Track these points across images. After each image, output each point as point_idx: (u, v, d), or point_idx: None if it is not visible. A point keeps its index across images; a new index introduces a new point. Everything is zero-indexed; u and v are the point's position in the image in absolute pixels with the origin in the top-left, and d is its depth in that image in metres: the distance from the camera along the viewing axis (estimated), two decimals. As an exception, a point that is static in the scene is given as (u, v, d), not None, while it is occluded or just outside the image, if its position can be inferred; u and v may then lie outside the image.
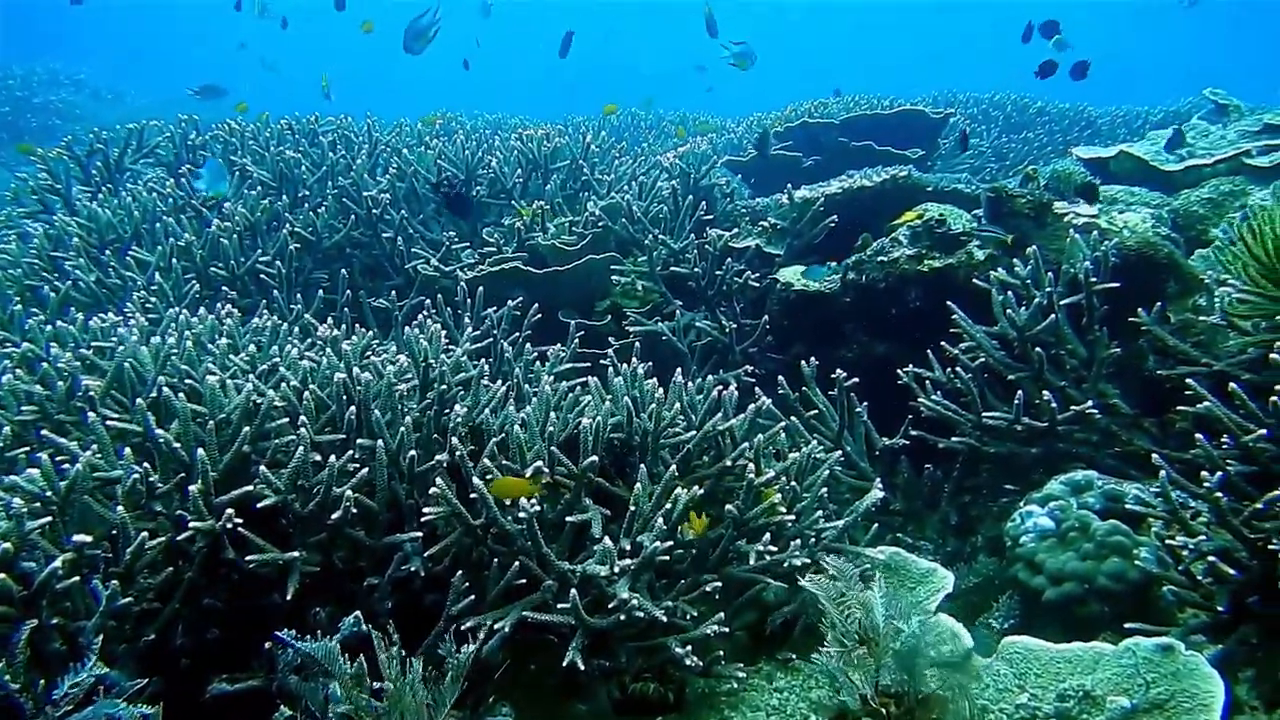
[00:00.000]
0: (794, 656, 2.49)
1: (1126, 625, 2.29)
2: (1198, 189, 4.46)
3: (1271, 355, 2.47)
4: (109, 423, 2.22)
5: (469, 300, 3.72)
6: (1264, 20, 34.93)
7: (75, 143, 4.82)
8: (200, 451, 2.05)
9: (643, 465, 2.41)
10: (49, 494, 1.94)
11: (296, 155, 4.66)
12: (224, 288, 3.77)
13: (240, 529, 2.07)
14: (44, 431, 2.17)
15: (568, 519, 2.32)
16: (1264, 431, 2.33)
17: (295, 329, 3.18)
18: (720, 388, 2.67)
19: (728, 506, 2.36)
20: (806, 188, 4.50)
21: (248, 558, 2.05)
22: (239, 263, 3.86)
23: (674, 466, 2.38)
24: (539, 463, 2.30)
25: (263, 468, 2.09)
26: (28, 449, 2.18)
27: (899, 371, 3.30)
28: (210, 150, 5.11)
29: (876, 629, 2.01)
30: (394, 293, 3.96)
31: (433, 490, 2.16)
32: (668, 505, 2.26)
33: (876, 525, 2.86)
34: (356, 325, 3.68)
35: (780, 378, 3.35)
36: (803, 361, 3.35)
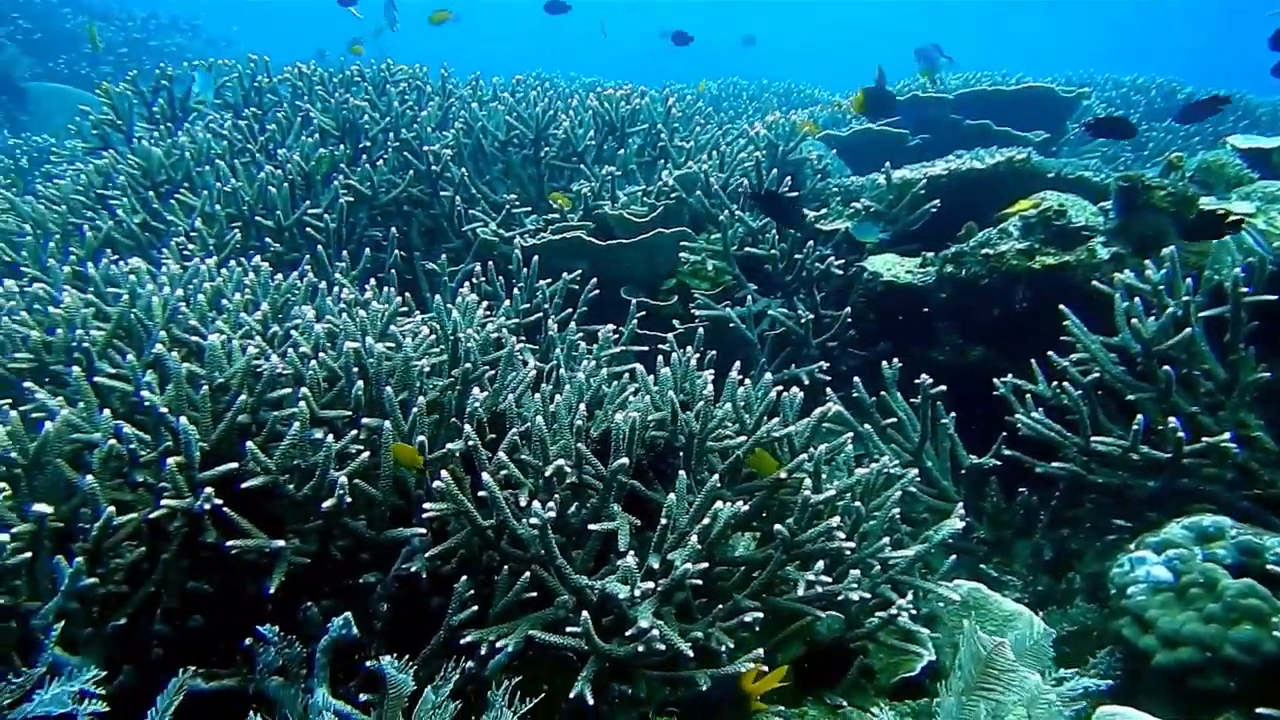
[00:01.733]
0: (844, 703, 2.23)
1: (1259, 711, 1.96)
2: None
3: None
4: (101, 380, 2.10)
5: (523, 269, 3.52)
6: None
7: (141, 78, 4.79)
8: (182, 420, 1.89)
9: (683, 471, 2.18)
10: (14, 455, 1.81)
11: (361, 104, 4.53)
12: (268, 239, 3.65)
13: (224, 510, 1.91)
14: (26, 384, 2.05)
15: (592, 526, 2.10)
16: None
17: (334, 290, 3.03)
18: (780, 388, 2.41)
19: (777, 526, 2.11)
20: (908, 168, 4.16)
21: (229, 543, 1.89)
22: (286, 213, 3.73)
23: (718, 475, 2.14)
24: (561, 461, 2.09)
25: (250, 444, 1.92)
26: (9, 403, 2.06)
27: (995, 381, 2.98)
28: (278, 94, 5.02)
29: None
30: (444, 256, 3.78)
31: (436, 484, 1.97)
32: (706, 520, 2.02)
33: (954, 555, 2.56)
34: (406, 293, 3.52)
35: (857, 379, 3.06)
36: (884, 362, 3.05)
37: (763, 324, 3.81)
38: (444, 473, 1.96)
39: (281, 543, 1.93)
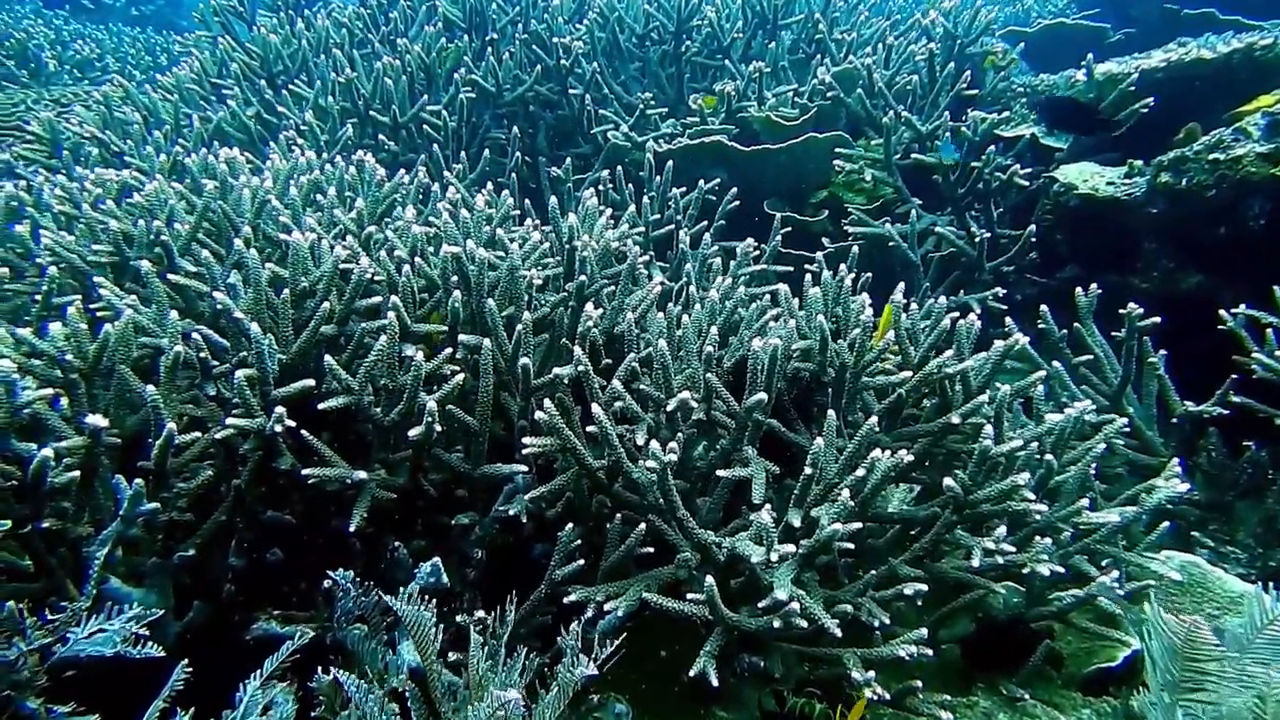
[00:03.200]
0: (1026, 696, 1.89)
1: None
2: None
3: None
4: (176, 278, 1.92)
5: (655, 177, 3.21)
6: None
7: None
8: (254, 326, 1.69)
9: (832, 411, 1.85)
10: (70, 357, 1.65)
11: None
12: (383, 137, 3.46)
13: (302, 433, 1.71)
14: (96, 278, 1.89)
15: (721, 473, 1.81)
16: None
17: (445, 192, 2.81)
18: (954, 315, 2.04)
19: (947, 481, 1.77)
20: (1114, 61, 3.59)
21: (305, 471, 1.70)
22: (404, 109, 3.52)
23: (876, 417, 1.80)
24: (687, 394, 1.79)
25: (329, 358, 1.71)
26: (77, 299, 1.91)
27: (1222, 314, 2.50)
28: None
29: None
30: (569, 161, 3.50)
31: (539, 415, 1.71)
32: (860, 471, 1.70)
33: (1165, 522, 2.15)
34: (526, 200, 3.27)
35: (1043, 308, 2.63)
36: (1078, 289, 2.61)
37: (927, 243, 3.39)
38: (547, 402, 1.70)
39: (364, 474, 1.72)
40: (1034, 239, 3.16)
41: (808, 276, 2.27)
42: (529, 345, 1.88)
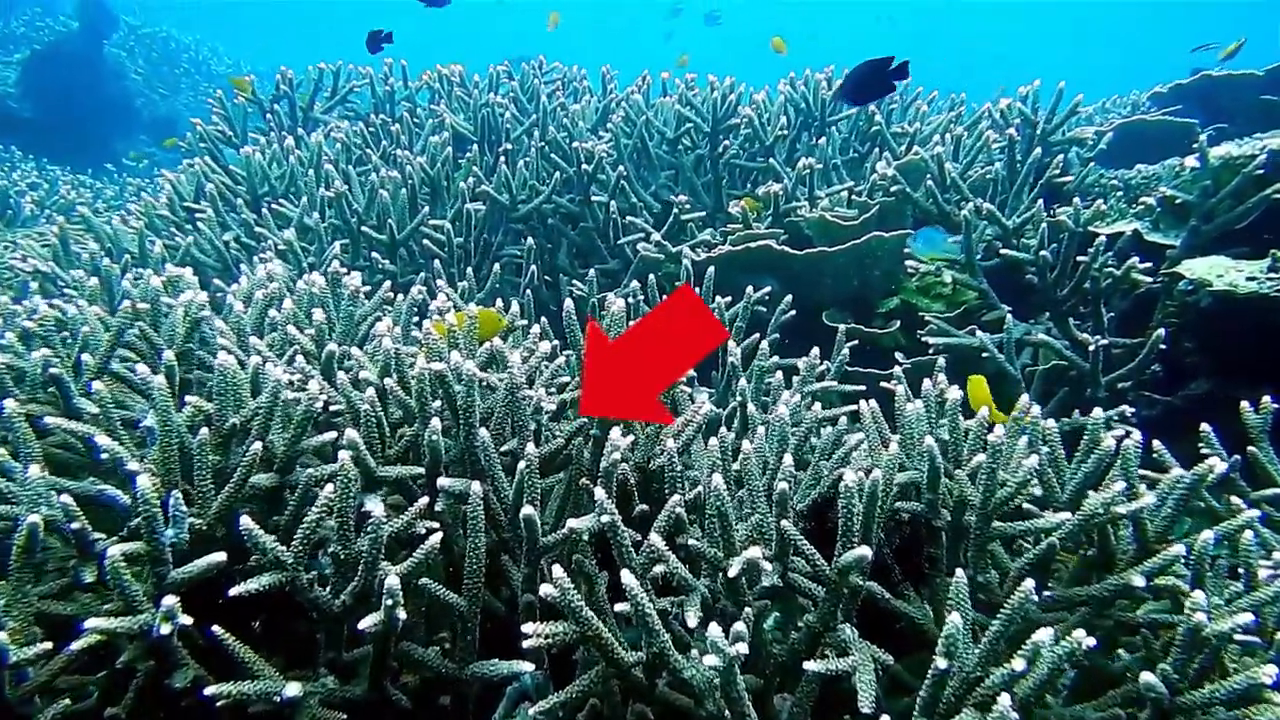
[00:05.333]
0: None
1: None
2: None
3: None
4: (59, 420, 1.50)
5: (695, 287, 2.81)
6: None
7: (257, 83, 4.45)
8: (142, 481, 1.24)
9: (961, 571, 1.35)
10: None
11: (502, 101, 3.99)
12: (377, 255, 3.10)
13: (214, 629, 1.24)
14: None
15: (808, 665, 1.31)
16: None
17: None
18: (1118, 433, 1.56)
19: (1146, 678, 1.25)
20: (1232, 143, 3.19)
21: (208, 691, 1.21)
22: (402, 223, 3.18)
23: (1026, 581, 1.30)
24: (756, 550, 1.31)
25: (245, 520, 1.25)
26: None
27: None
28: (416, 101, 4.58)
29: None
30: (592, 272, 3.12)
31: (545, 589, 1.23)
32: (1018, 663, 1.19)
33: None
34: (542, 319, 2.87)
35: (1206, 428, 2.12)
36: (1244, 404, 2.11)
37: (1023, 356, 2.93)
38: (558, 571, 1.22)
39: (298, 688, 1.24)
40: (1165, 346, 2.68)
41: (899, 390, 1.81)
42: (535, 489, 1.42)
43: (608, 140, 3.87)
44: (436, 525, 1.41)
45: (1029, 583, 1.23)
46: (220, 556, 1.25)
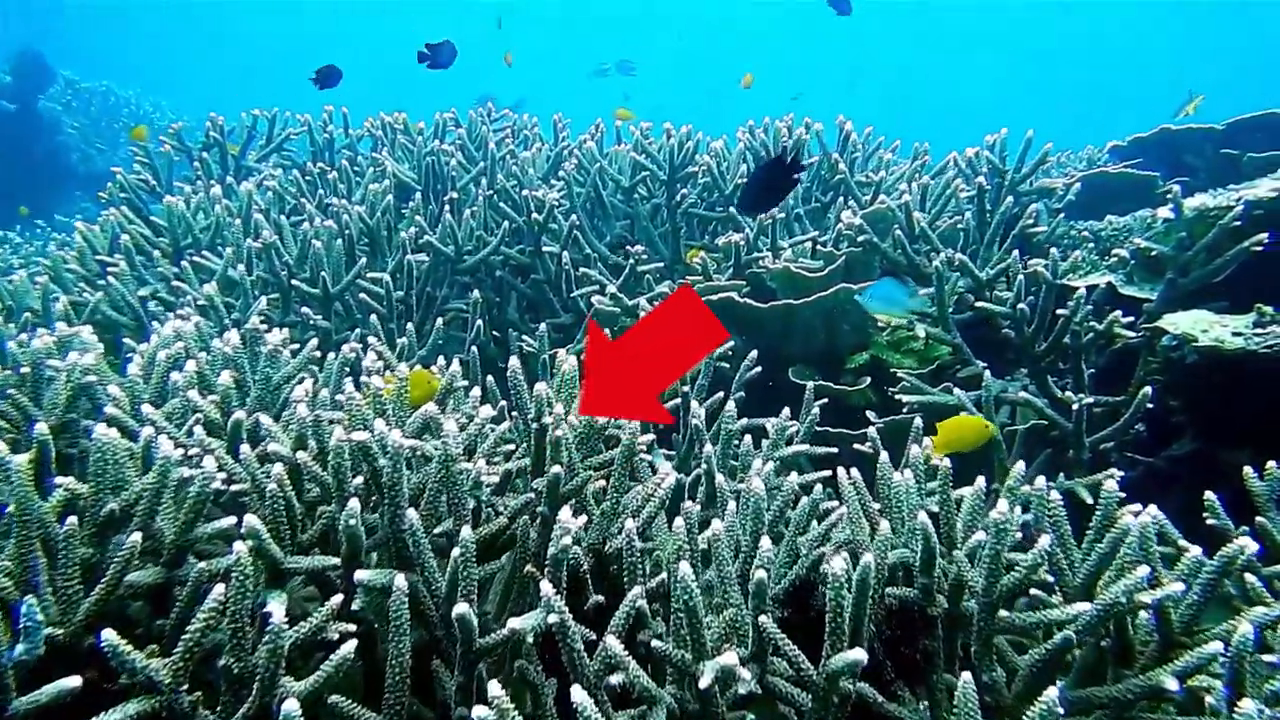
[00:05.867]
0: None
1: None
2: None
3: None
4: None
5: (652, 342, 2.63)
6: None
7: (185, 131, 4.24)
8: (-11, 578, 1.02)
9: (968, 675, 1.17)
10: None
11: (448, 148, 3.83)
12: (307, 310, 2.89)
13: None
14: None
15: (795, 791, 1.11)
16: None
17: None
18: (1132, 510, 1.40)
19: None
20: (1207, 194, 3.11)
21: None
22: (337, 277, 2.97)
23: (1049, 691, 1.12)
24: (731, 655, 1.12)
25: (107, 634, 1.03)
26: None
27: None
28: (357, 149, 4.40)
29: None
30: (543, 327, 2.93)
31: (479, 713, 1.02)
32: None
33: None
34: (489, 377, 2.67)
35: (1210, 497, 1.97)
36: (1247, 469, 1.97)
37: (1000, 415, 2.78)
38: (493, 688, 1.01)
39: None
40: (1151, 403, 2.55)
41: (881, 459, 1.64)
42: (472, 581, 1.22)
43: (559, 189, 3.71)
44: (353, 627, 1.20)
45: (1052, 692, 1.05)
46: (74, 682, 1.03)
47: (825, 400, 2.60)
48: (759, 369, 2.64)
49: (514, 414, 1.78)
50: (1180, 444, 2.80)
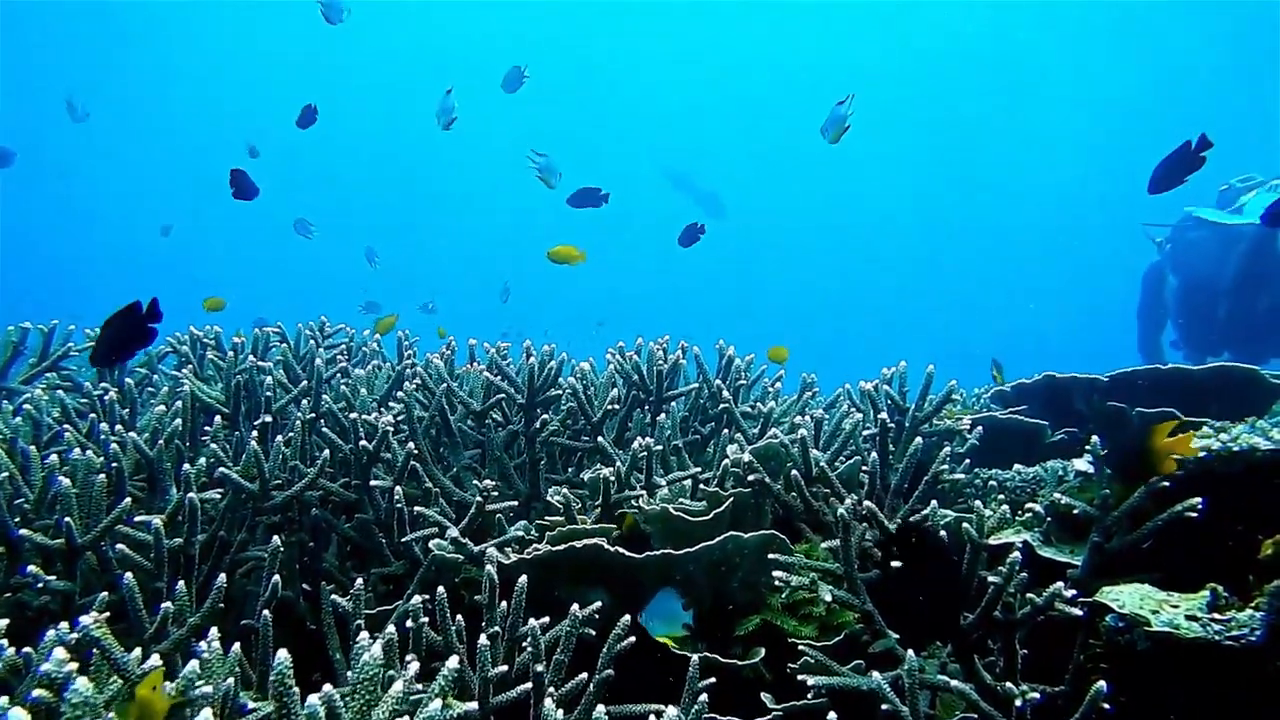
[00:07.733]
0: None
1: None
2: None
3: None
4: None
5: (499, 601, 2.13)
6: None
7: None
8: None
9: None
10: None
11: (265, 365, 3.33)
12: (34, 568, 2.26)
13: None
14: None
15: None
16: None
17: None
18: None
19: None
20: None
21: None
22: (92, 521, 2.37)
23: None
24: None
25: None
26: None
27: None
28: (154, 368, 3.86)
29: None
30: (358, 582, 2.35)
31: None
32: None
33: None
34: (282, 650, 2.06)
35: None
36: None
37: (921, 700, 2.33)
38: None
39: None
40: (1109, 694, 2.14)
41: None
42: None
43: (397, 412, 3.23)
44: None
45: None
46: None
47: (713, 680, 2.12)
48: (633, 639, 2.15)
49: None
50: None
